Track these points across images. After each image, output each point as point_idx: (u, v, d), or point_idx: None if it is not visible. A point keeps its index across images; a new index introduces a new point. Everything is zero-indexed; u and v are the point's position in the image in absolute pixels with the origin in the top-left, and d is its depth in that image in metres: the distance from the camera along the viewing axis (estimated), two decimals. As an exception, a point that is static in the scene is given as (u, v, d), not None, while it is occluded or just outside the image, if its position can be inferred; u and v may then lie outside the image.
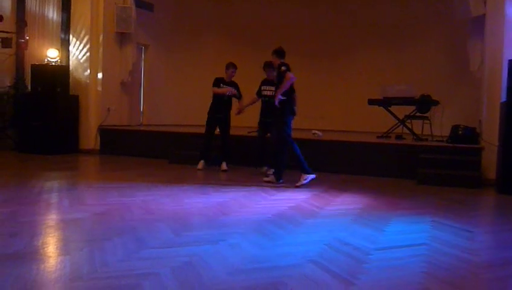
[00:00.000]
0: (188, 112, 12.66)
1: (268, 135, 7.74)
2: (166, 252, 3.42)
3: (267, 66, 7.62)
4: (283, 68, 6.63)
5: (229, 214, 4.87)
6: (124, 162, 8.97)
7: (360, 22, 12.52)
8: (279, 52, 6.91)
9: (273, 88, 7.34)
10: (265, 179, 7.00)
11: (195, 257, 3.29)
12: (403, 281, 3.01)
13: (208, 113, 8.18)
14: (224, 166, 8.05)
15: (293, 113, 6.90)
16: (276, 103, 6.56)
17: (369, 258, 3.41)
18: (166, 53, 12.75)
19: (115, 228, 4.10)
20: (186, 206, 5.21)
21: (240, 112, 8.04)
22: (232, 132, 8.35)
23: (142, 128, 10.94)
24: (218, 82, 8.08)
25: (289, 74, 6.51)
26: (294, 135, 8.47)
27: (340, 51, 12.44)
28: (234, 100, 8.22)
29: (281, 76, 6.68)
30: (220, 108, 8.06)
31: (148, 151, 9.72)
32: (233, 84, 8.08)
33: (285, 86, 6.52)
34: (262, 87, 7.80)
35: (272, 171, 7.29)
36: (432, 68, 11.45)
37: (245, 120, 8.72)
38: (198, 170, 8.02)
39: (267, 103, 7.68)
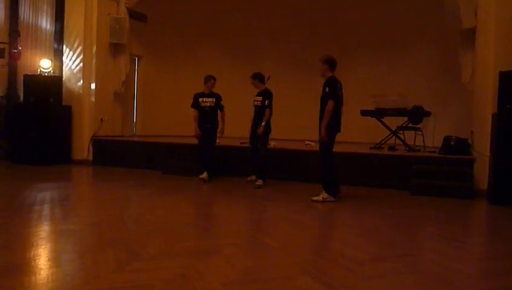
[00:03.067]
0: (182, 122, 12.63)
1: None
2: (160, 264, 3.41)
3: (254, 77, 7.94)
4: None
5: (223, 225, 4.86)
6: (117, 173, 8.93)
7: (353, 33, 12.62)
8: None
9: (259, 98, 7.76)
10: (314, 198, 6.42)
11: (190, 269, 3.28)
12: (397, 292, 3.02)
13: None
14: (205, 176, 7.99)
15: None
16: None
17: (363, 269, 3.41)
18: (159, 64, 12.78)
19: (108, 239, 4.08)
20: (180, 217, 5.19)
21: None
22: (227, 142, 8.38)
23: (135, 138, 10.92)
24: (197, 98, 8.16)
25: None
26: (287, 145, 8.57)
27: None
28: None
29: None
30: (206, 119, 8.10)
31: (142, 162, 9.70)
32: (215, 95, 8.15)
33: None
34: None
35: (254, 177, 7.75)
36: (424, 80, 11.54)
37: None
38: (204, 181, 7.92)
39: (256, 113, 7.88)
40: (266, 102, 7.62)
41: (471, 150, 7.74)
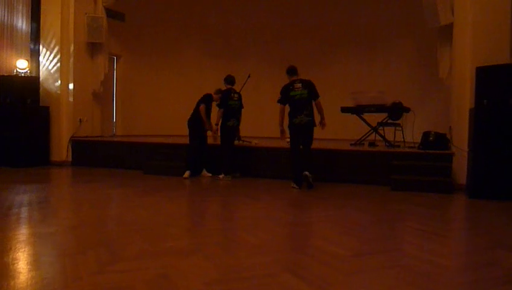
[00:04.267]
0: (162, 122, 12.59)
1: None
2: (141, 264, 3.37)
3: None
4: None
5: (205, 224, 4.84)
6: (97, 174, 8.83)
7: (332, 31, 12.69)
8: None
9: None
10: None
11: (171, 268, 3.26)
12: (378, 287, 3.03)
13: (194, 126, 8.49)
14: (205, 173, 8.53)
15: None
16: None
17: (345, 265, 3.43)
18: (138, 63, 12.67)
19: (88, 240, 4.03)
20: (161, 217, 5.15)
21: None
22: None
23: (115, 139, 10.81)
24: (210, 101, 8.49)
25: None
26: (271, 143, 8.59)
27: (313, 60, 12.55)
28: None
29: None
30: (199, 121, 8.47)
31: (122, 163, 9.61)
32: None
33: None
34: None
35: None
36: (403, 76, 11.66)
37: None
38: (185, 179, 8.24)
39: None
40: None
41: (449, 145, 7.84)
